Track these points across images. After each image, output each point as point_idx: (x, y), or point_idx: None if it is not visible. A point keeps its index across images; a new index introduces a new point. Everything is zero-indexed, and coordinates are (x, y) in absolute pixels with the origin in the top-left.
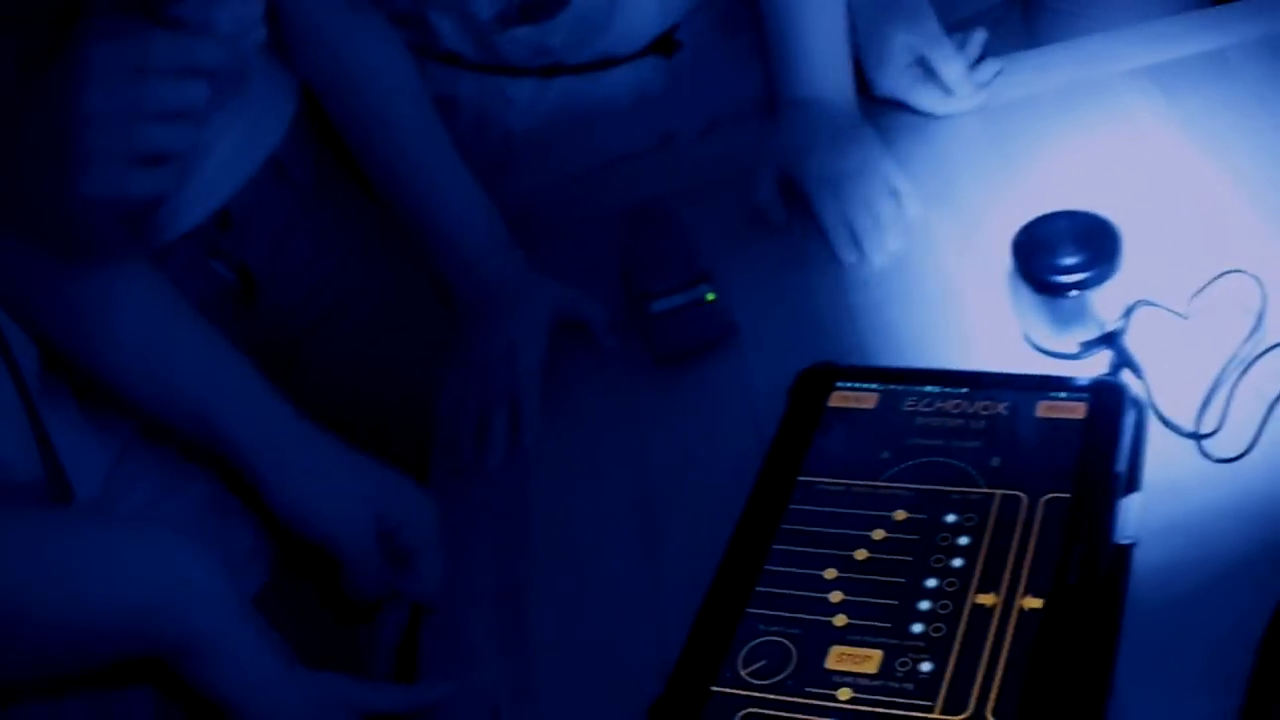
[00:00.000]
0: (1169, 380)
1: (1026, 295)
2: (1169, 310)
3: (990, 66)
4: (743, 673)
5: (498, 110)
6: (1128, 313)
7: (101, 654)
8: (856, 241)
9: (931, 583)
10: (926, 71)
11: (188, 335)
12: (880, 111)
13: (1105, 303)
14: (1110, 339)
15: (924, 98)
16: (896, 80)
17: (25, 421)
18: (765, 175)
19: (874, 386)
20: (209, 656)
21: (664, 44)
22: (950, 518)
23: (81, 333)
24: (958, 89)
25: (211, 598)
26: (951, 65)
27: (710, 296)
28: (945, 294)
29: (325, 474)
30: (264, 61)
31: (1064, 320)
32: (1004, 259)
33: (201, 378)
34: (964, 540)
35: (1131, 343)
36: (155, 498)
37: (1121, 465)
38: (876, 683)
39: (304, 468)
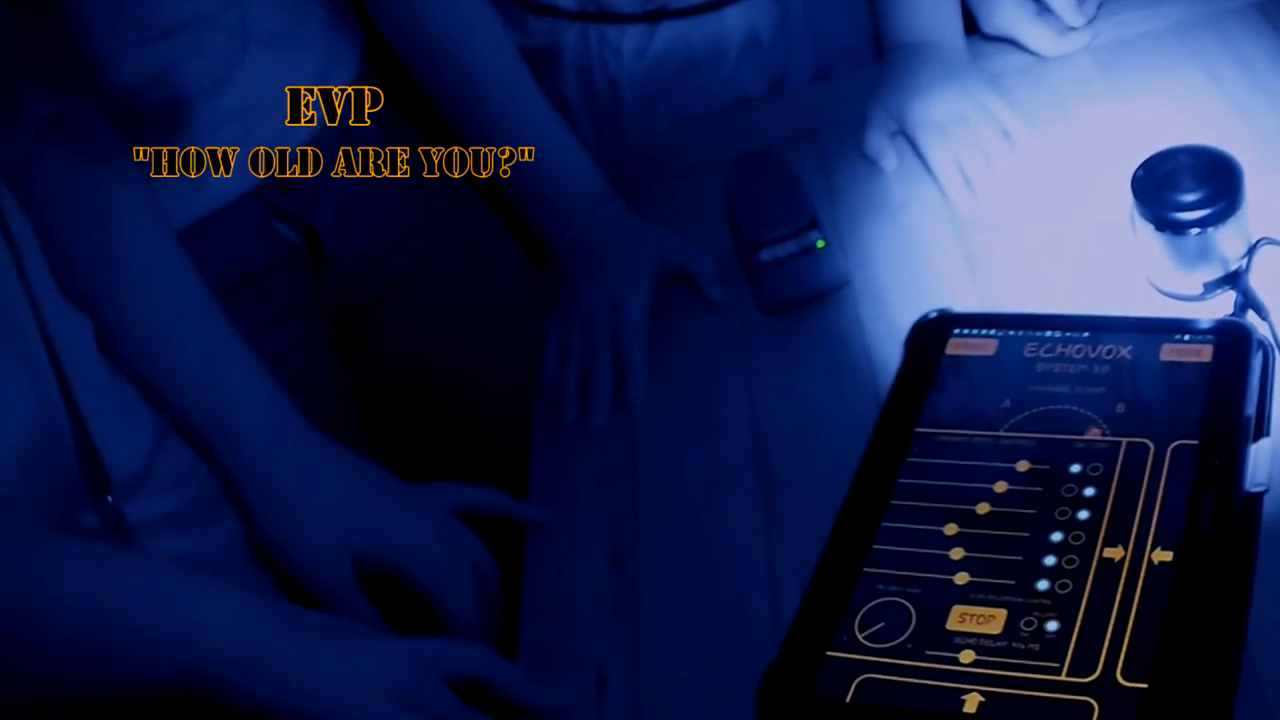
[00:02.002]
0: None
1: (1147, 234)
2: None
3: None
4: (860, 636)
5: (603, 59)
6: (1250, 251)
7: (127, 691)
8: (969, 185)
9: (1057, 536)
10: (1037, 7)
11: (196, 322)
12: (991, 52)
13: (1228, 241)
14: (1234, 279)
15: (1035, 35)
16: (1006, 16)
17: (64, 407)
18: (874, 121)
19: (992, 333)
20: (238, 687)
21: None
22: (1075, 468)
23: (96, 302)
24: (1070, 20)
25: (226, 631)
26: None
27: (820, 244)
28: (1063, 236)
29: (308, 501)
30: (324, 16)
31: (1186, 260)
32: (1123, 198)
33: (203, 370)
34: (1090, 491)
35: (1255, 282)
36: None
37: (1250, 409)
38: (1000, 644)
39: (287, 492)
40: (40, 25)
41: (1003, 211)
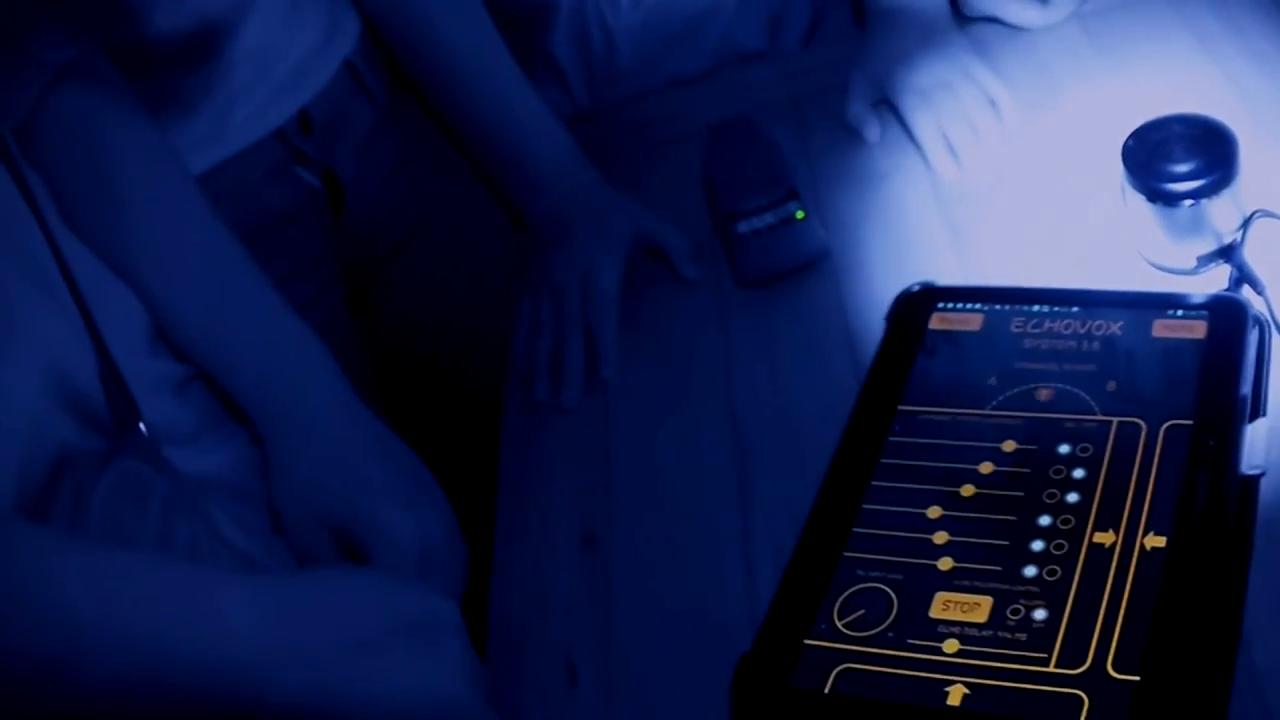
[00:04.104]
0: None
1: (1139, 206)
2: None
3: None
4: (839, 624)
5: (599, 11)
6: (1245, 224)
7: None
8: (954, 154)
9: (1045, 520)
10: None
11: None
12: (974, 22)
13: (1222, 213)
14: (1228, 252)
15: (1018, 11)
16: None
17: (88, 334)
18: (856, 88)
19: (978, 307)
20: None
21: None
22: (1064, 448)
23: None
24: None
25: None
26: None
27: (800, 215)
28: (1051, 207)
29: (306, 458)
30: None
31: (1179, 232)
32: (1114, 169)
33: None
34: (1079, 473)
35: (1251, 256)
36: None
37: (1245, 388)
38: (986, 633)
39: (290, 448)
40: None
41: (988, 182)
